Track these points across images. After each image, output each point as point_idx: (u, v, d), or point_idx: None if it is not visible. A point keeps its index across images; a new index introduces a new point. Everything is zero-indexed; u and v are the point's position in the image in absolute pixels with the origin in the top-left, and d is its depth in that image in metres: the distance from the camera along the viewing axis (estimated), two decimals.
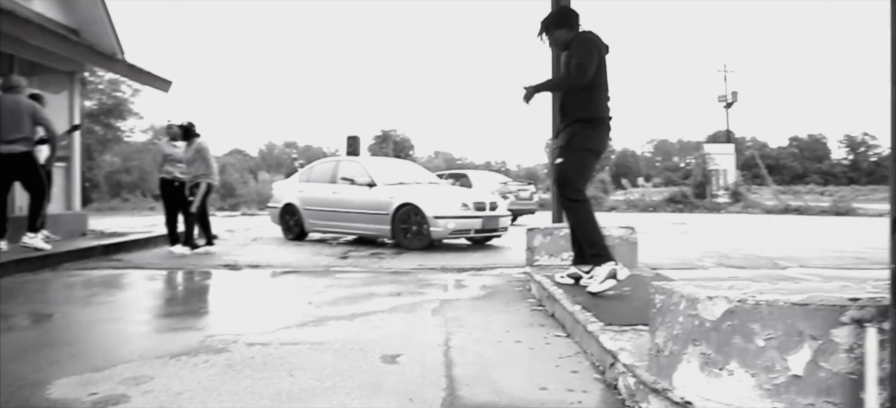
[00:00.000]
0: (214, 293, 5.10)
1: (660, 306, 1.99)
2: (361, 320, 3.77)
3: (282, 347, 3.08)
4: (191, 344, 3.12)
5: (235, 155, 61.68)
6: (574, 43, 3.72)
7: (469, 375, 2.64)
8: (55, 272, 5.96)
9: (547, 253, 4.92)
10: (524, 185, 16.18)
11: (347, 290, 4.94)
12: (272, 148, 78.66)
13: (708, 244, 9.14)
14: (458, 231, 8.03)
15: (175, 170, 7.57)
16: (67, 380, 2.55)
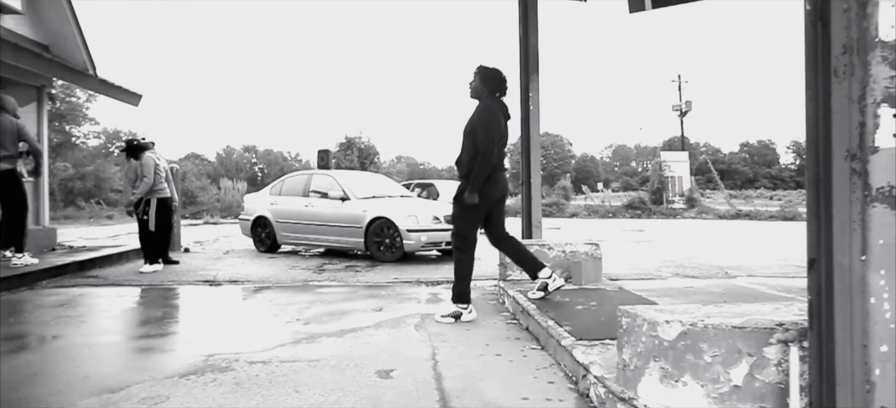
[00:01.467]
0: (202, 310, 5.26)
1: (626, 327, 2.35)
2: (351, 336, 4.04)
3: (282, 364, 3.33)
4: (195, 364, 3.34)
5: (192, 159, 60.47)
6: (479, 109, 4.36)
7: (457, 387, 2.95)
8: (34, 290, 6.01)
9: (519, 268, 5.27)
10: None
11: (331, 305, 5.18)
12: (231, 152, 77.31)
13: (665, 253, 9.69)
14: (430, 243, 8.33)
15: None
16: (88, 402, 2.75)
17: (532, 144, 5.85)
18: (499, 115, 4.32)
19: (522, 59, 5.94)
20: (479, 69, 4.48)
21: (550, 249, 5.31)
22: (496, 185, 4.37)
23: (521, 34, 5.97)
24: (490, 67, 4.48)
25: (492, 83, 4.42)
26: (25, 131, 6.73)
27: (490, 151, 4.19)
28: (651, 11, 6.91)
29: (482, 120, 4.25)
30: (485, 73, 4.44)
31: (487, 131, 4.20)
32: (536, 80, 5.87)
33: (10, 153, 6.57)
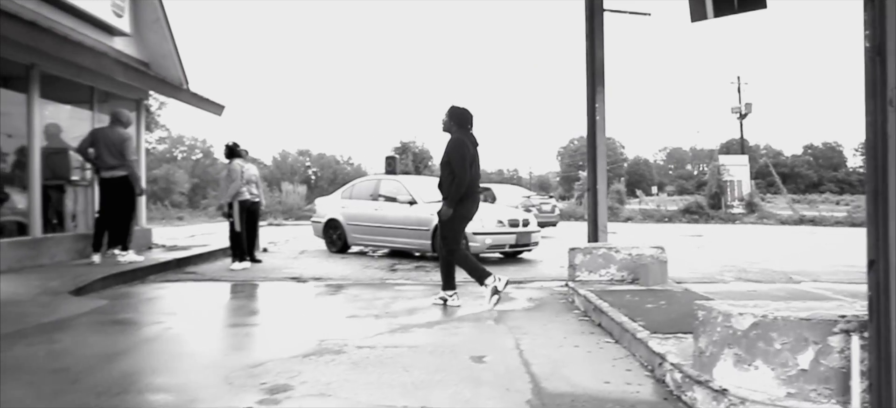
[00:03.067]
0: (298, 303, 5.81)
1: (702, 319, 2.70)
2: (438, 327, 4.49)
3: (386, 349, 3.81)
4: (311, 347, 3.86)
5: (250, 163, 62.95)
6: (451, 142, 5.23)
7: (545, 372, 3.35)
8: (145, 284, 6.74)
9: (587, 270, 5.62)
10: (546, 198, 16.85)
11: (411, 301, 5.66)
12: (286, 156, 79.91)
13: (725, 258, 9.77)
14: (495, 246, 8.74)
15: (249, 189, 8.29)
16: (237, 373, 3.29)
17: (598, 152, 6.18)
18: (468, 145, 5.19)
19: (589, 71, 6.28)
20: (450, 108, 5.36)
21: (617, 252, 5.64)
22: (473, 202, 5.32)
23: (587, 48, 6.31)
24: (459, 106, 5.37)
25: (459, 120, 5.31)
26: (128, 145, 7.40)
27: (463, 175, 5.06)
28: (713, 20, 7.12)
29: (455, 151, 5.15)
30: (454, 111, 5.33)
31: (461, 161, 5.09)
32: (602, 93, 6.20)
33: (122, 162, 7.33)
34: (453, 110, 5.34)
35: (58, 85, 7.56)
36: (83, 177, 8.26)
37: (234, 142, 8.21)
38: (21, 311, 4.79)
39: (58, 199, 7.88)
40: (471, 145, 5.23)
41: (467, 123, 5.34)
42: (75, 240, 7.75)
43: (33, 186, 7.10)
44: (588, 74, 6.29)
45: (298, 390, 3.02)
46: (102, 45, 7.71)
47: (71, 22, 7.11)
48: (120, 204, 7.41)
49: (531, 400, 2.90)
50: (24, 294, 5.38)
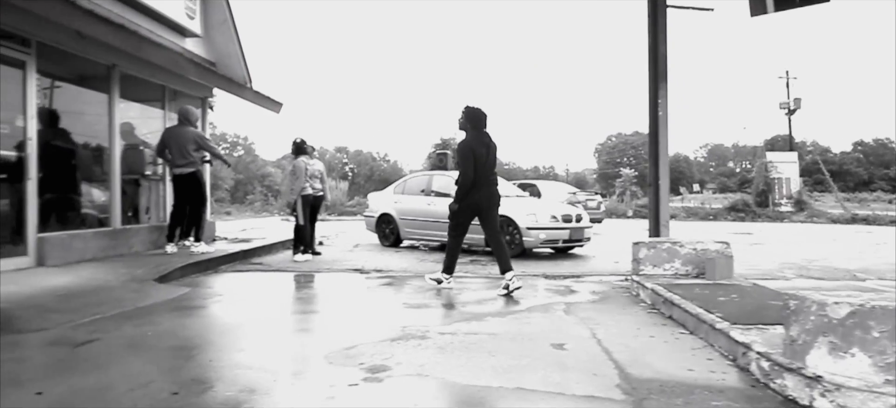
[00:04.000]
0: (368, 294, 6.02)
1: (794, 309, 2.77)
2: (511, 317, 4.64)
3: (467, 336, 3.98)
4: (396, 333, 4.05)
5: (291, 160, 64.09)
6: (461, 143, 5.79)
7: (627, 359, 3.46)
8: (219, 274, 7.08)
9: (651, 264, 5.68)
10: (591, 195, 16.78)
11: (476, 293, 5.82)
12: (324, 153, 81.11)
13: (782, 256, 9.64)
14: (549, 241, 8.84)
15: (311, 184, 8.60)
16: (335, 354, 3.50)
17: (661, 149, 6.22)
18: (478, 145, 5.67)
19: (651, 67, 6.33)
20: (465, 109, 5.81)
21: (682, 247, 5.68)
22: (481, 195, 5.75)
23: (650, 44, 6.35)
24: (473, 107, 5.81)
25: (473, 119, 5.76)
26: (205, 140, 7.85)
27: (467, 174, 5.60)
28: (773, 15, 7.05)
29: (461, 152, 5.71)
30: (468, 111, 5.79)
31: (465, 161, 5.62)
32: (665, 89, 6.24)
33: (192, 159, 7.72)
34: (468, 111, 5.78)
35: (133, 84, 7.97)
36: (155, 172, 8.68)
37: (302, 139, 8.51)
38: (117, 296, 5.13)
39: (133, 193, 8.32)
40: (480, 145, 5.68)
41: (481, 122, 5.77)
42: (150, 231, 8.17)
43: (113, 180, 7.53)
44: (650, 71, 6.33)
45: (395, 370, 3.21)
46: (177, 46, 8.09)
47: (148, 23, 7.50)
48: (190, 198, 7.79)
49: (620, 384, 3.02)
50: (114, 281, 5.74)
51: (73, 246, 6.64)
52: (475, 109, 5.81)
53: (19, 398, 2.76)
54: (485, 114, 5.83)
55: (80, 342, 3.72)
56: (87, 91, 7.52)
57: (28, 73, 6.08)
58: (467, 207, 5.79)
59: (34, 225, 6.17)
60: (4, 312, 4.18)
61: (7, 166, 5.99)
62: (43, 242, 6.24)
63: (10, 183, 6.03)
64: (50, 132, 6.60)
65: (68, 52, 6.60)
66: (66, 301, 4.77)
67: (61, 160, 6.85)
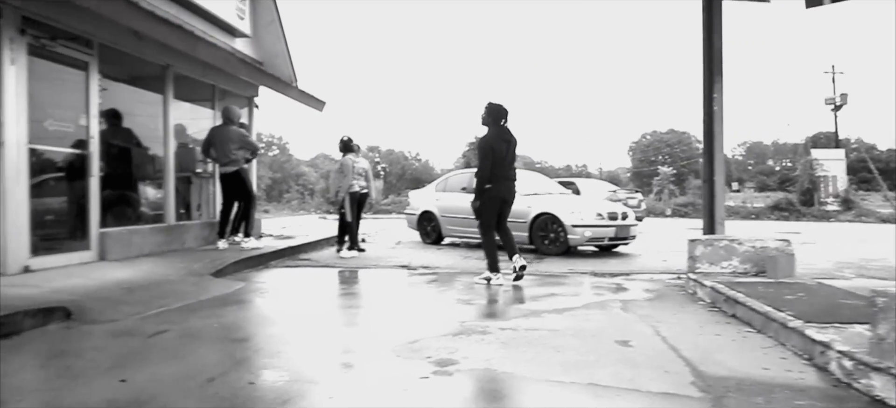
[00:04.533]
0: (419, 289, 6.04)
1: (882, 306, 2.68)
2: (568, 314, 4.60)
3: (528, 332, 3.96)
4: (455, 328, 4.06)
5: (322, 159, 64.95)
6: (480, 139, 6.01)
7: (696, 357, 3.39)
8: (270, 269, 7.21)
9: (708, 261, 5.57)
10: (632, 193, 16.54)
11: (527, 290, 5.78)
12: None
13: (836, 255, 9.34)
14: (594, 238, 8.74)
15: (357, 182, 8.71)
16: (401, 348, 3.53)
17: (715, 145, 6.09)
18: (498, 140, 5.84)
19: (706, 62, 6.20)
20: (487, 104, 5.96)
21: (740, 244, 5.55)
22: (502, 188, 5.92)
23: (704, 38, 6.22)
24: (495, 102, 5.96)
25: (495, 115, 5.91)
26: (248, 138, 7.99)
27: (484, 168, 5.78)
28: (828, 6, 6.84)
29: (481, 147, 5.90)
30: (490, 107, 5.95)
31: (484, 156, 5.79)
32: (720, 83, 6.10)
33: (234, 158, 7.85)
34: (490, 106, 5.96)
35: (185, 84, 8.16)
36: (205, 170, 8.89)
37: (349, 137, 8.62)
38: (179, 290, 5.26)
39: (185, 190, 8.52)
40: (500, 140, 5.86)
41: (502, 118, 5.94)
42: (201, 228, 8.37)
43: (168, 178, 7.74)
44: (705, 65, 6.20)
45: (463, 364, 3.21)
46: (228, 46, 8.25)
47: (201, 24, 7.67)
48: (237, 196, 7.95)
49: (695, 382, 2.97)
50: (173, 275, 5.89)
51: (132, 241, 6.84)
52: (497, 105, 5.96)
53: (105, 385, 2.85)
54: (506, 109, 5.97)
55: (152, 333, 3.83)
56: (143, 91, 7.74)
57: (90, 74, 6.29)
58: (491, 200, 5.93)
59: (96, 221, 6.37)
60: (77, 303, 4.33)
61: (71, 164, 6.21)
62: (104, 236, 6.44)
63: (74, 180, 6.25)
64: (109, 131, 6.81)
65: (126, 52, 6.79)
66: (132, 294, 4.92)
67: (120, 158, 7.07)
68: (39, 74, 5.66)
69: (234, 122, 7.97)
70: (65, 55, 5.99)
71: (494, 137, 5.88)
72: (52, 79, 5.99)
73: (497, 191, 5.92)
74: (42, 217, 5.83)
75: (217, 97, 9.04)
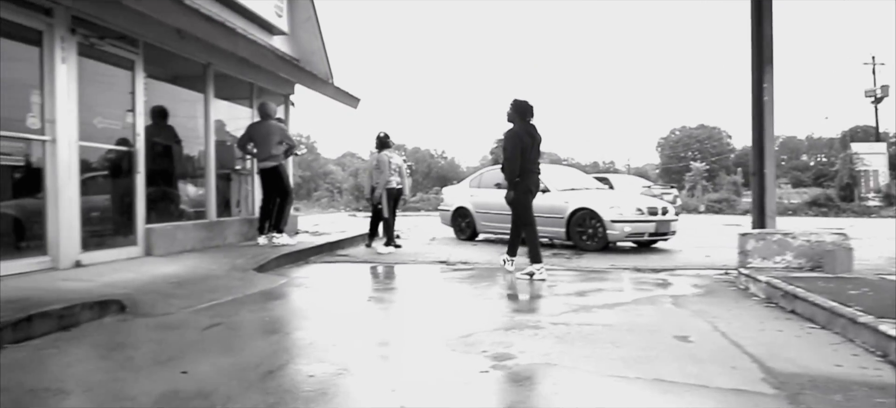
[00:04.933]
0: (462, 285, 5.99)
1: None
2: (619, 309, 4.51)
3: (581, 326, 3.89)
4: (506, 322, 4.01)
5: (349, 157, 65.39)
6: (506, 134, 6.11)
7: (762, 353, 3.27)
8: (311, 264, 7.24)
9: (760, 256, 5.41)
10: (667, 188, 16.25)
11: (571, 285, 5.70)
12: None
13: (886, 251, 9.00)
14: (634, 234, 8.59)
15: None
16: (455, 341, 3.49)
17: (766, 136, 5.91)
18: (523, 135, 5.98)
19: (755, 50, 6.02)
20: (513, 101, 6.12)
21: (794, 239, 5.38)
22: (530, 181, 6.11)
23: (753, 26, 6.04)
24: (520, 99, 6.12)
25: (521, 111, 6.07)
26: (287, 134, 8.04)
27: (513, 162, 5.96)
28: None
29: (510, 139, 6.03)
30: (516, 104, 6.11)
31: (513, 148, 5.95)
32: (770, 72, 5.92)
33: (274, 153, 7.90)
34: (516, 103, 6.12)
35: (224, 82, 8.24)
36: (244, 167, 8.97)
37: (386, 133, 8.63)
38: (225, 284, 5.31)
39: (224, 187, 8.62)
40: (526, 135, 6.01)
41: (527, 114, 6.10)
42: (241, 224, 8.45)
43: (209, 175, 7.83)
44: (754, 53, 6.02)
45: (520, 358, 3.15)
46: (267, 43, 8.31)
47: (241, 22, 7.74)
48: (276, 191, 8.00)
49: (765, 378, 2.86)
50: (217, 270, 5.95)
51: (176, 237, 6.94)
52: (522, 102, 6.13)
53: (168, 376, 2.87)
54: (531, 106, 6.13)
55: (206, 326, 3.86)
56: (184, 90, 7.84)
57: (136, 72, 6.39)
58: (524, 192, 6.11)
59: (142, 216, 6.48)
60: (130, 297, 4.39)
61: (118, 161, 6.32)
62: (150, 232, 6.55)
63: (120, 177, 6.36)
64: (153, 129, 6.91)
65: (169, 51, 6.89)
66: (181, 288, 4.98)
67: (163, 156, 7.17)
68: (88, 73, 5.77)
69: (272, 117, 8.03)
70: (112, 54, 6.09)
71: (522, 130, 6.02)
72: (100, 78, 6.10)
73: (527, 183, 6.10)
74: (91, 213, 5.94)
75: (255, 95, 9.11)
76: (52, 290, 4.45)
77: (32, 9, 5.14)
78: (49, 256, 5.35)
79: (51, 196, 5.34)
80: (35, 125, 5.24)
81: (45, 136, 5.29)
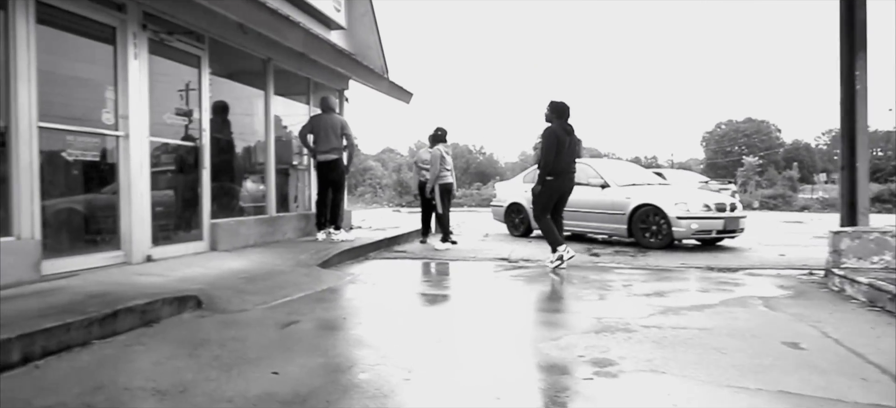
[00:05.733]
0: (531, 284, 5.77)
1: None
2: (709, 311, 4.25)
3: (675, 330, 3.66)
4: (593, 325, 3.80)
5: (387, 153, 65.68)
6: (545, 132, 6.40)
7: (888, 363, 2.99)
8: (371, 260, 7.17)
9: (855, 256, 5.06)
10: (724, 184, 15.67)
11: (646, 285, 5.44)
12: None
13: None
14: (701, 231, 8.23)
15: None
16: (546, 345, 3.32)
17: (858, 127, 5.53)
18: (560, 134, 6.31)
19: (845, 36, 5.64)
20: (550, 102, 6.45)
21: (894, 237, 5.00)
22: (564, 181, 6.46)
23: (842, 10, 5.66)
24: (557, 101, 6.44)
25: (558, 112, 6.39)
26: (348, 128, 7.99)
27: (549, 160, 6.29)
28: None
29: (546, 137, 6.37)
30: (553, 105, 6.43)
31: (549, 148, 6.29)
32: (864, 59, 5.53)
33: (336, 145, 7.86)
34: (553, 104, 6.44)
35: (282, 78, 8.24)
36: (300, 162, 8.98)
37: (443, 129, 8.51)
38: (294, 280, 5.26)
39: (282, 182, 8.63)
40: (564, 134, 6.32)
41: (564, 115, 6.40)
42: (299, 219, 8.46)
43: (269, 171, 7.84)
44: (843, 38, 5.63)
45: (623, 365, 2.96)
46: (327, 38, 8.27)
47: (301, 17, 7.71)
48: (330, 185, 7.96)
49: None
50: (283, 266, 5.92)
51: (239, 232, 6.96)
52: (559, 102, 6.43)
53: (259, 377, 2.78)
54: (568, 106, 6.42)
55: (285, 324, 3.78)
56: (246, 86, 7.87)
57: (202, 68, 6.41)
58: (552, 190, 6.41)
59: (208, 212, 6.51)
60: (205, 293, 4.37)
61: (185, 156, 6.36)
62: (215, 227, 6.57)
63: (187, 172, 6.40)
64: (217, 124, 6.93)
65: (232, 47, 6.90)
66: (252, 283, 4.94)
67: (226, 151, 7.20)
68: (157, 69, 5.80)
69: (333, 110, 7.98)
70: (180, 50, 6.12)
71: (559, 129, 6.31)
72: (169, 73, 6.14)
73: (559, 184, 6.43)
74: (159, 208, 5.98)
75: (312, 91, 9.11)
76: (129, 285, 4.46)
77: (106, 5, 5.17)
78: (122, 250, 5.40)
79: (124, 191, 5.39)
80: (109, 121, 5.29)
81: (118, 131, 5.34)
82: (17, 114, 4.35)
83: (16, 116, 4.35)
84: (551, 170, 6.31)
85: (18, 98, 4.35)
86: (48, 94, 4.62)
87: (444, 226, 8.52)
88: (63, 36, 4.99)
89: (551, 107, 6.43)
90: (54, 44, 4.83)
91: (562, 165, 6.34)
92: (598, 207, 9.19)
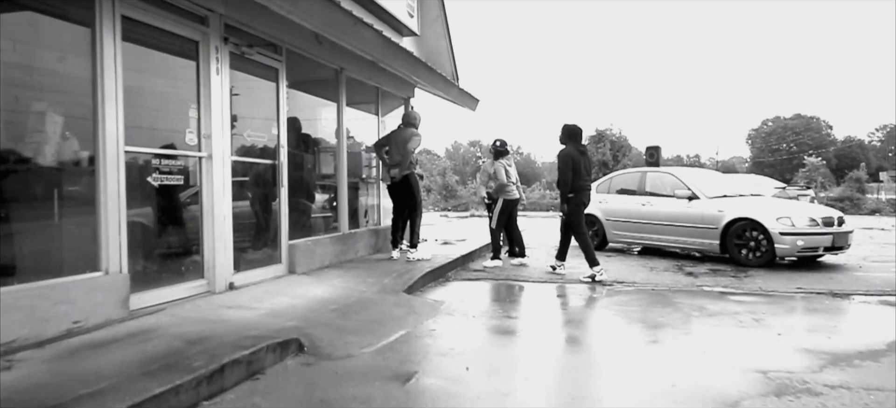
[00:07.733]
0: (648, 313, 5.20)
1: None
2: (886, 361, 3.65)
3: (869, 393, 3.08)
4: (763, 383, 3.25)
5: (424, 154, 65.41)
6: (560, 155, 6.91)
7: None
8: (452, 282, 6.74)
9: None
10: (802, 190, 14.74)
11: (785, 319, 4.87)
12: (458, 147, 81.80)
13: None
14: (808, 248, 7.53)
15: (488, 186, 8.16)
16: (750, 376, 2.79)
17: None
18: (575, 154, 6.81)
19: None
20: (563, 126, 7.01)
21: None
22: (584, 196, 6.96)
23: None
24: (570, 124, 6.99)
25: (571, 135, 6.95)
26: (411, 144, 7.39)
27: (565, 180, 6.79)
28: None
29: (563, 158, 6.83)
30: (566, 128, 6.99)
31: (566, 166, 6.78)
32: None
33: (398, 161, 7.37)
34: (566, 127, 6.99)
35: (351, 88, 7.85)
36: (369, 174, 8.59)
37: (502, 142, 8.07)
38: (387, 312, 4.84)
39: (352, 197, 8.25)
40: (578, 153, 6.85)
41: (577, 137, 6.99)
42: (370, 235, 8.08)
43: (342, 185, 7.46)
44: None
45: None
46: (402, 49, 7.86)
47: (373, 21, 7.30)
48: (405, 203, 7.53)
49: None
50: (368, 293, 5.51)
51: (315, 252, 6.60)
52: (572, 126, 7.00)
53: None
54: (580, 129, 7.04)
55: (404, 376, 3.35)
56: (318, 98, 7.52)
57: (280, 81, 6.07)
58: (579, 205, 6.92)
59: (285, 232, 6.16)
60: (303, 332, 3.98)
61: (264, 175, 6.03)
62: (293, 249, 6.22)
63: (266, 191, 6.07)
64: (291, 140, 6.58)
65: (306, 58, 6.52)
66: (346, 318, 4.54)
67: (299, 167, 6.85)
68: (238, 84, 5.47)
69: (415, 125, 7.55)
70: (259, 63, 5.78)
71: (573, 150, 6.81)
72: (249, 88, 5.81)
73: (583, 198, 6.96)
74: (240, 232, 5.65)
75: (380, 99, 8.72)
76: (221, 322, 4.11)
77: (189, 18, 4.85)
78: (205, 278, 5.07)
79: (207, 215, 5.06)
80: (192, 141, 4.97)
81: (201, 152, 5.01)
82: (104, 138, 4.03)
83: (103, 141, 4.03)
84: (572, 187, 6.77)
85: (106, 121, 4.03)
86: (133, 115, 4.30)
87: (519, 242, 8.05)
88: (147, 53, 4.68)
89: (564, 130, 6.97)
90: (139, 62, 4.51)
91: (580, 181, 6.81)
92: (683, 220, 8.54)
